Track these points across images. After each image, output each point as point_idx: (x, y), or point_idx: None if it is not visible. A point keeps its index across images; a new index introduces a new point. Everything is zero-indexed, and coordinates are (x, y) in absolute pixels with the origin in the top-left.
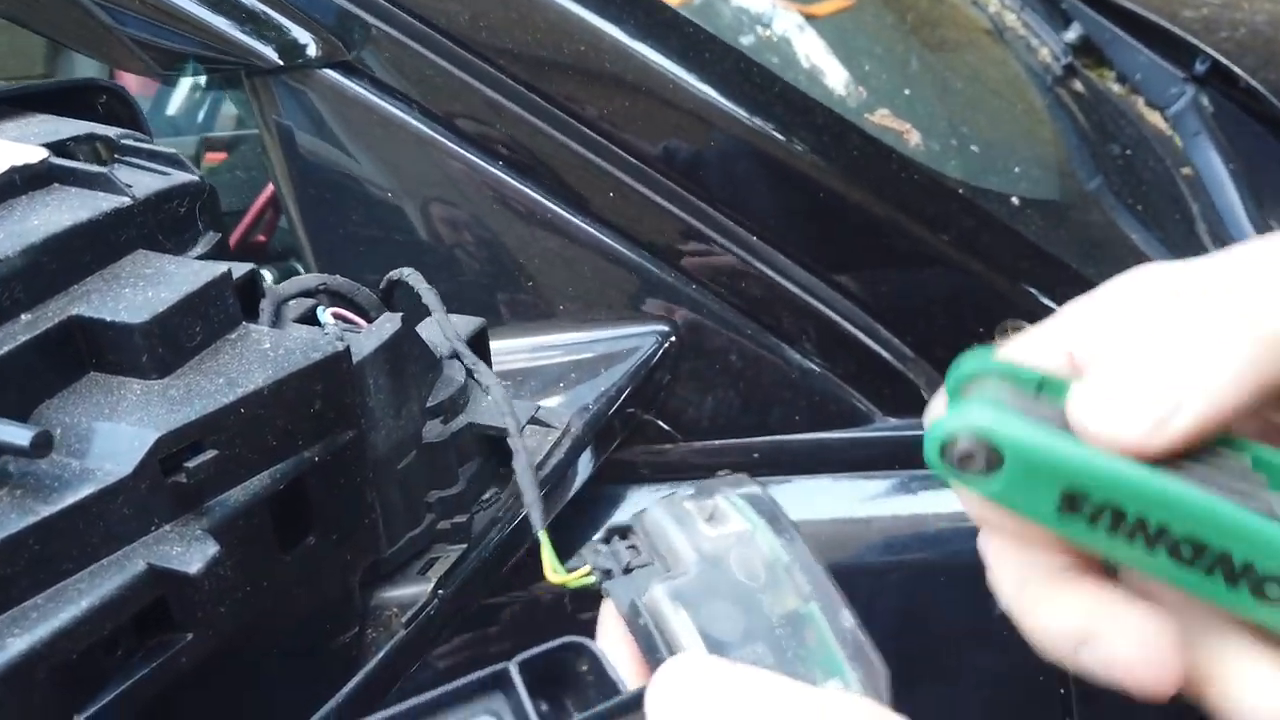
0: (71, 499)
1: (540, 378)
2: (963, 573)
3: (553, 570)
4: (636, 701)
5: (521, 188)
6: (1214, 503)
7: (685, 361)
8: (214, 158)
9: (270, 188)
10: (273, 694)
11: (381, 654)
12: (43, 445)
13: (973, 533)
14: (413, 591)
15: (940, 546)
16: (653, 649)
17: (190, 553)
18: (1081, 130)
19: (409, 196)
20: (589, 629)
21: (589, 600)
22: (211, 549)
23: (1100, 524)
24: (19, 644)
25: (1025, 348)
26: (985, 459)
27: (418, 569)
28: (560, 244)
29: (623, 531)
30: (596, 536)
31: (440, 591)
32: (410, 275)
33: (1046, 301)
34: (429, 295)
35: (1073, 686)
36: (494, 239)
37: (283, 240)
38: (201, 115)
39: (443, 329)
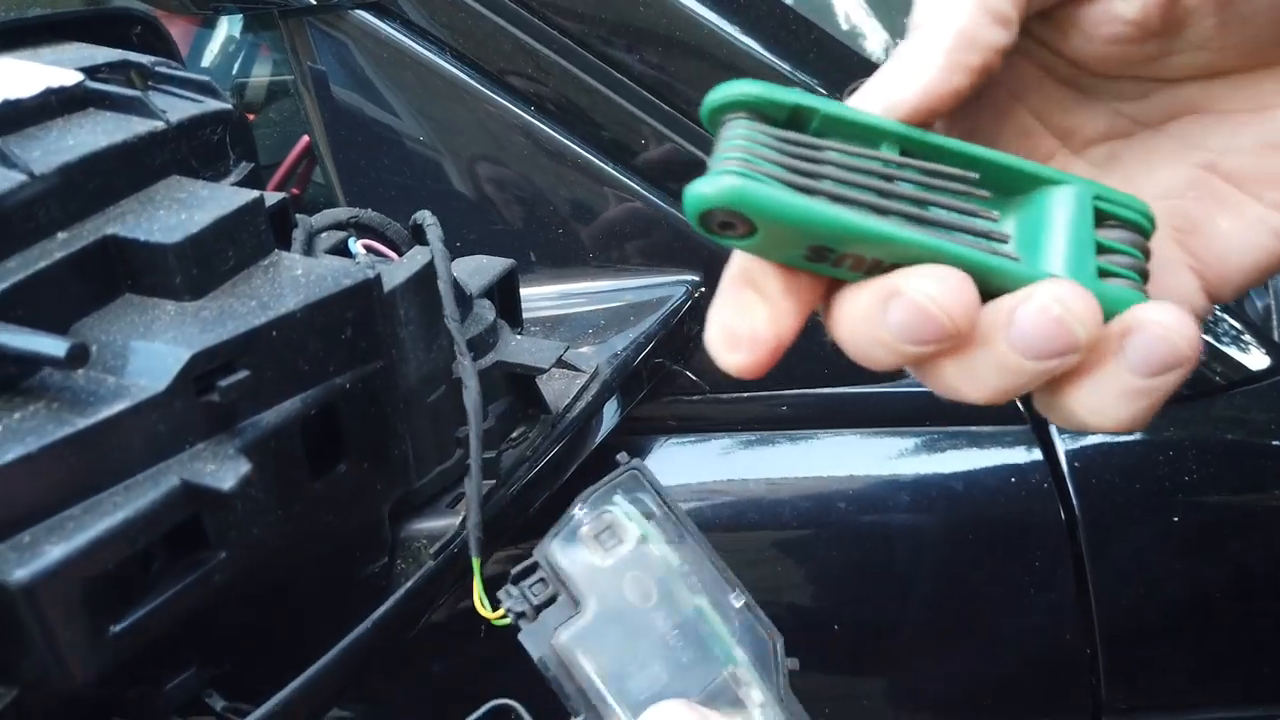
0: (106, 413)
1: (569, 325)
2: (992, 533)
3: (480, 603)
4: None
5: (554, 134)
6: (923, 240)
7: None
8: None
9: (304, 140)
10: (303, 618)
11: (410, 583)
12: (78, 357)
13: (1004, 493)
14: (442, 524)
15: (970, 505)
16: (565, 697)
17: (223, 470)
18: None
19: (441, 142)
20: None
21: None
22: (244, 467)
23: (843, 265)
24: (56, 552)
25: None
26: (741, 226)
27: (447, 503)
28: (591, 191)
29: (529, 570)
30: (513, 573)
31: (466, 524)
32: (425, 217)
33: None
34: (436, 243)
35: (1100, 648)
36: (525, 185)
37: (316, 196)
38: (235, 68)
39: (440, 271)
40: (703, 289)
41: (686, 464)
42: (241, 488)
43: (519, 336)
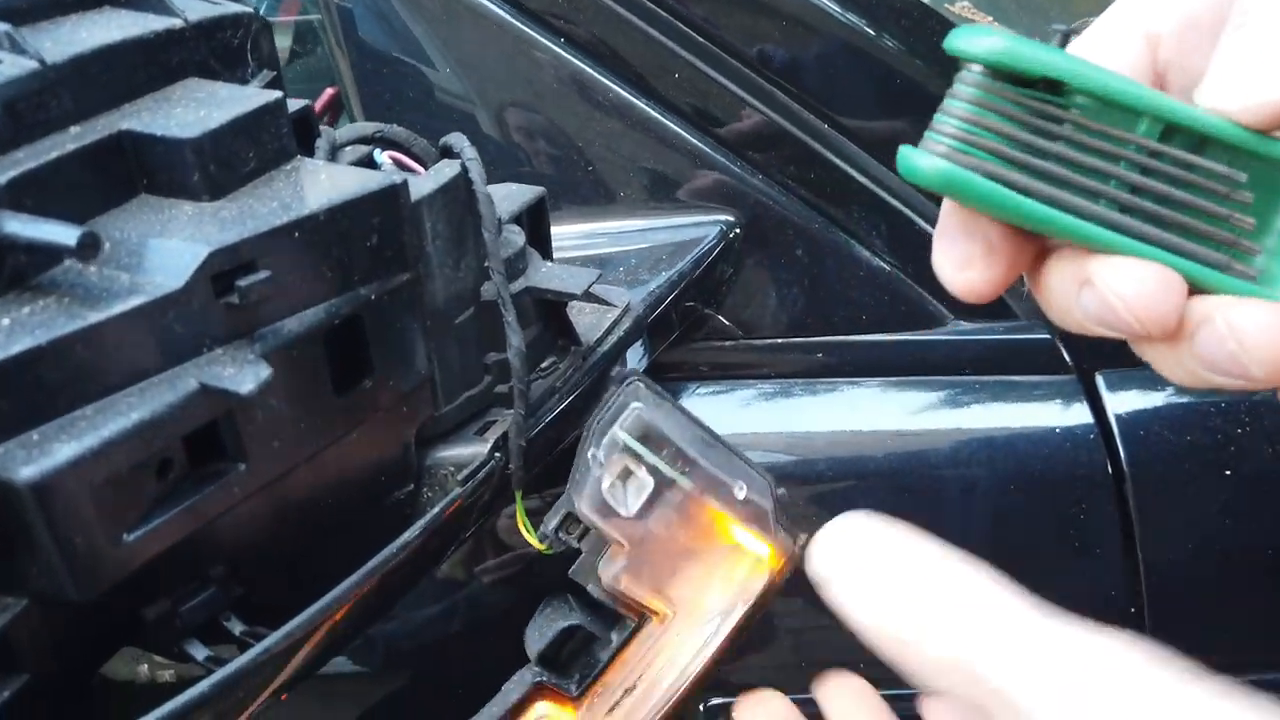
0: (120, 308)
1: (598, 265)
2: (1036, 486)
3: (526, 532)
4: None
5: (584, 67)
6: (1139, 249)
7: (749, 255)
8: None
9: (329, 91)
10: (325, 544)
11: (436, 509)
12: (90, 245)
13: (1049, 445)
14: (469, 452)
15: (1013, 458)
16: (622, 611)
17: (243, 374)
18: None
19: (468, 77)
20: None
21: None
22: (264, 372)
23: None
24: (66, 451)
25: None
26: None
27: (475, 430)
28: (622, 127)
29: (568, 526)
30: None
31: (497, 454)
32: (456, 139)
33: None
34: (474, 165)
35: (1146, 605)
36: (554, 121)
37: None
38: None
39: (476, 181)
40: (737, 230)
41: (718, 412)
42: (261, 394)
43: (549, 264)
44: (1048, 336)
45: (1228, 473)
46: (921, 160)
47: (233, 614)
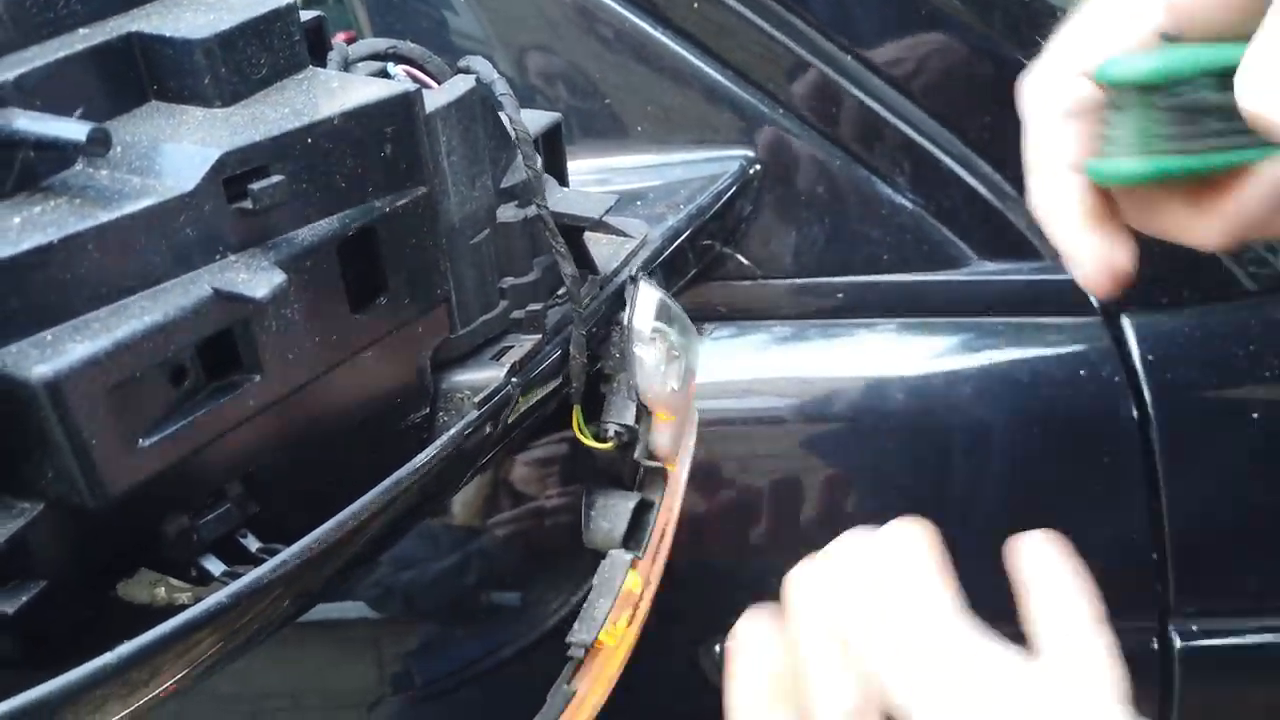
0: (131, 208)
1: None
2: (1059, 429)
3: (581, 433)
4: None
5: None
6: None
7: (768, 192)
8: None
9: (343, 35)
10: (341, 463)
11: (453, 430)
12: (99, 141)
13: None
14: (486, 376)
15: (1036, 400)
16: None
17: (256, 280)
18: None
19: (484, 12)
20: None
21: None
22: (278, 278)
23: None
24: (80, 350)
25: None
26: None
27: (491, 355)
28: (638, 59)
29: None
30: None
31: (514, 378)
32: (478, 61)
33: None
34: (499, 83)
35: (1169, 550)
36: (570, 56)
37: None
38: None
39: (508, 112)
40: (757, 166)
41: (736, 352)
42: (275, 302)
43: (565, 189)
44: (1071, 279)
45: (1255, 415)
46: (1126, 166)
47: (248, 531)
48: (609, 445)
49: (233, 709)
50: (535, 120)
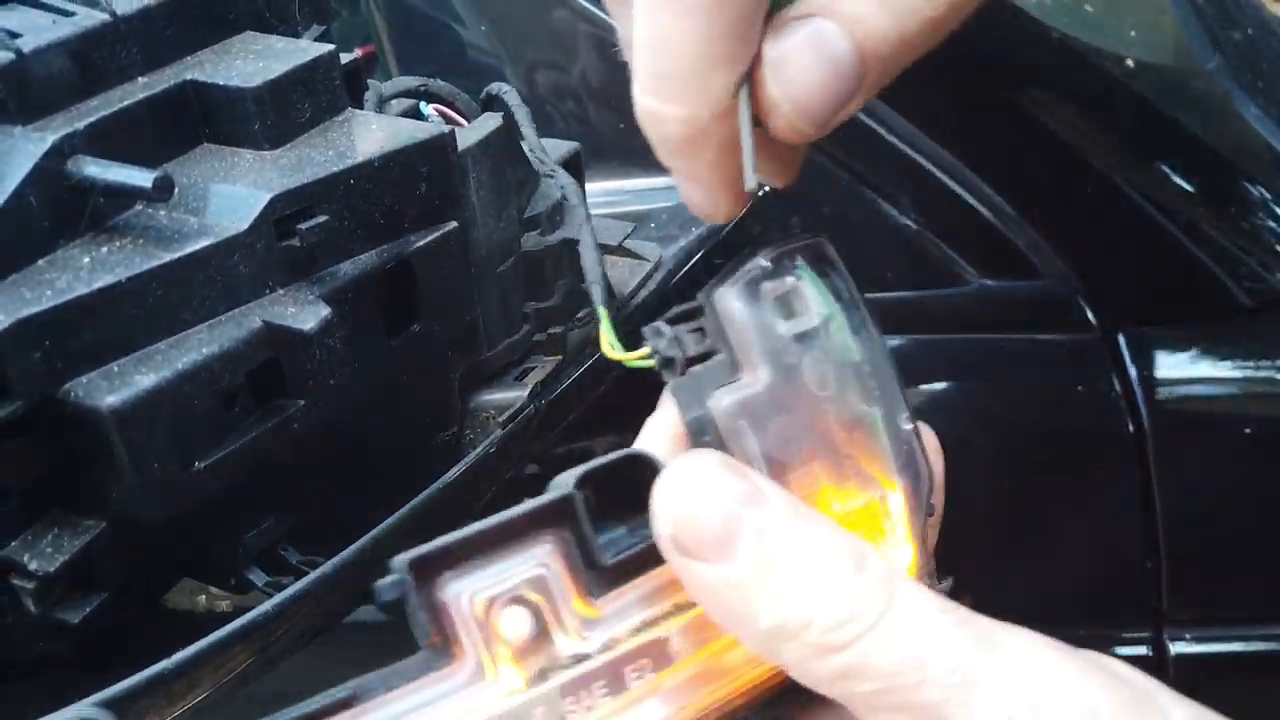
0: (191, 249)
1: (628, 223)
2: (1057, 442)
3: (609, 345)
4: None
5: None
6: None
7: (776, 213)
8: None
9: (364, 50)
10: (376, 479)
11: (480, 449)
12: (164, 188)
13: (1069, 401)
14: (510, 396)
15: (1033, 413)
16: None
17: (304, 313)
18: (1199, 8)
19: (499, 34)
20: None
21: None
22: (324, 311)
23: None
24: (146, 381)
25: None
26: None
27: (514, 375)
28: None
29: (690, 313)
30: (665, 316)
31: (535, 398)
32: (506, 91)
33: (1164, 168)
34: (520, 110)
35: (1164, 560)
36: (584, 77)
37: None
38: None
39: (529, 141)
40: (766, 187)
41: None
42: (321, 333)
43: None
44: (1071, 295)
45: (1247, 430)
46: None
47: (289, 545)
48: (635, 355)
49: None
50: (554, 149)
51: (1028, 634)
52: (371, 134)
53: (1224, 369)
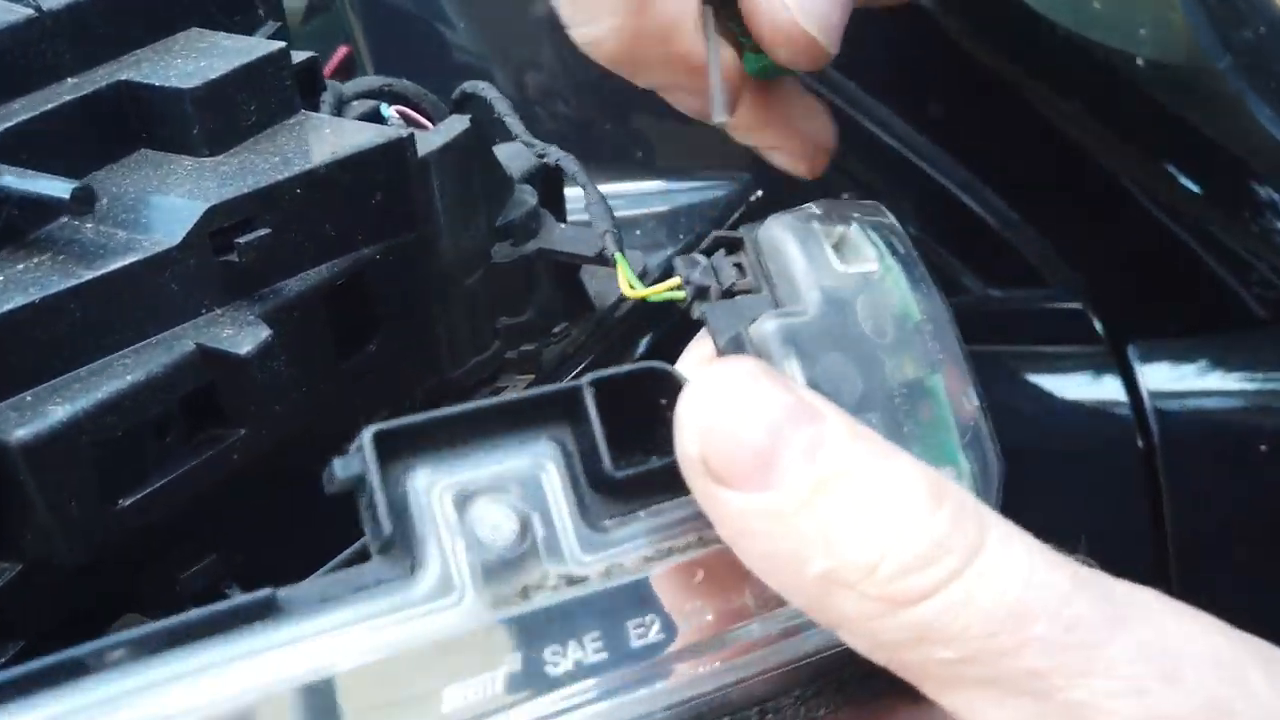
0: (116, 265)
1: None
2: (1062, 460)
3: (629, 285)
4: None
5: None
6: None
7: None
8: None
9: (341, 50)
10: (329, 510)
11: None
12: (83, 199)
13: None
14: None
15: (1037, 430)
16: None
17: (242, 336)
18: (1210, 8)
19: (485, 34)
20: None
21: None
22: (264, 333)
23: None
24: (60, 413)
25: None
26: None
27: (484, 396)
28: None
29: (731, 244)
30: (701, 246)
31: None
32: (485, 88)
33: (1175, 172)
34: (501, 103)
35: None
36: (573, 78)
37: None
38: None
39: (514, 131)
40: (759, 192)
41: None
42: (261, 356)
43: (563, 225)
44: (1079, 306)
45: (1263, 448)
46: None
47: (234, 582)
48: (663, 289)
49: None
50: (532, 154)
51: (1154, 593)
52: (323, 138)
53: (1238, 382)
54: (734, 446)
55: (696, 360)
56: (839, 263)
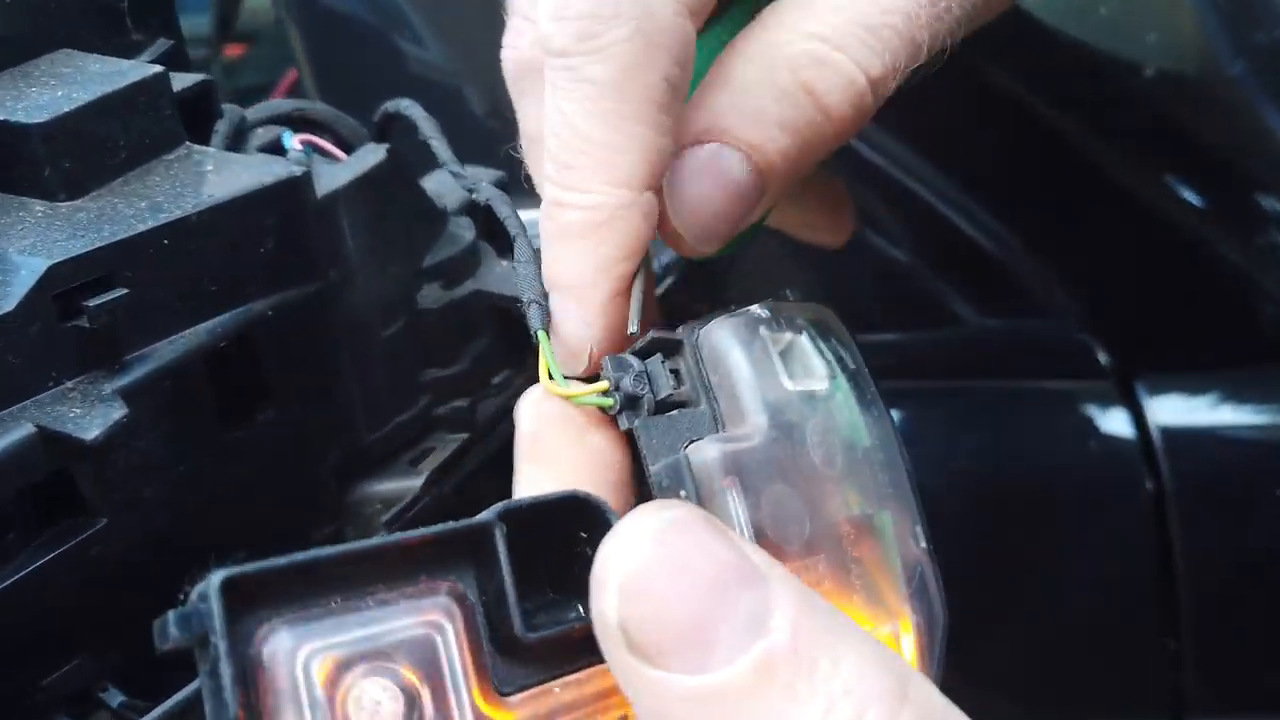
0: None
1: None
2: (1065, 502)
3: (549, 378)
4: None
5: None
6: None
7: (751, 244)
8: (234, 50)
9: (291, 74)
10: None
11: None
12: None
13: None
14: (400, 486)
15: (1039, 470)
16: None
17: (91, 416)
18: (1221, 10)
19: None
20: None
21: None
22: (116, 413)
23: None
24: None
25: None
26: None
27: (408, 460)
28: None
29: (668, 348)
30: (634, 346)
31: (433, 488)
32: (408, 106)
33: (1185, 189)
34: (427, 123)
35: (1185, 639)
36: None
37: None
38: None
39: (441, 158)
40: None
41: None
42: (114, 438)
43: (505, 262)
44: (1081, 336)
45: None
46: None
47: (109, 684)
48: (585, 393)
49: None
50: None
51: None
52: (203, 178)
53: (1254, 419)
54: (662, 614)
55: (601, 468)
56: (788, 379)
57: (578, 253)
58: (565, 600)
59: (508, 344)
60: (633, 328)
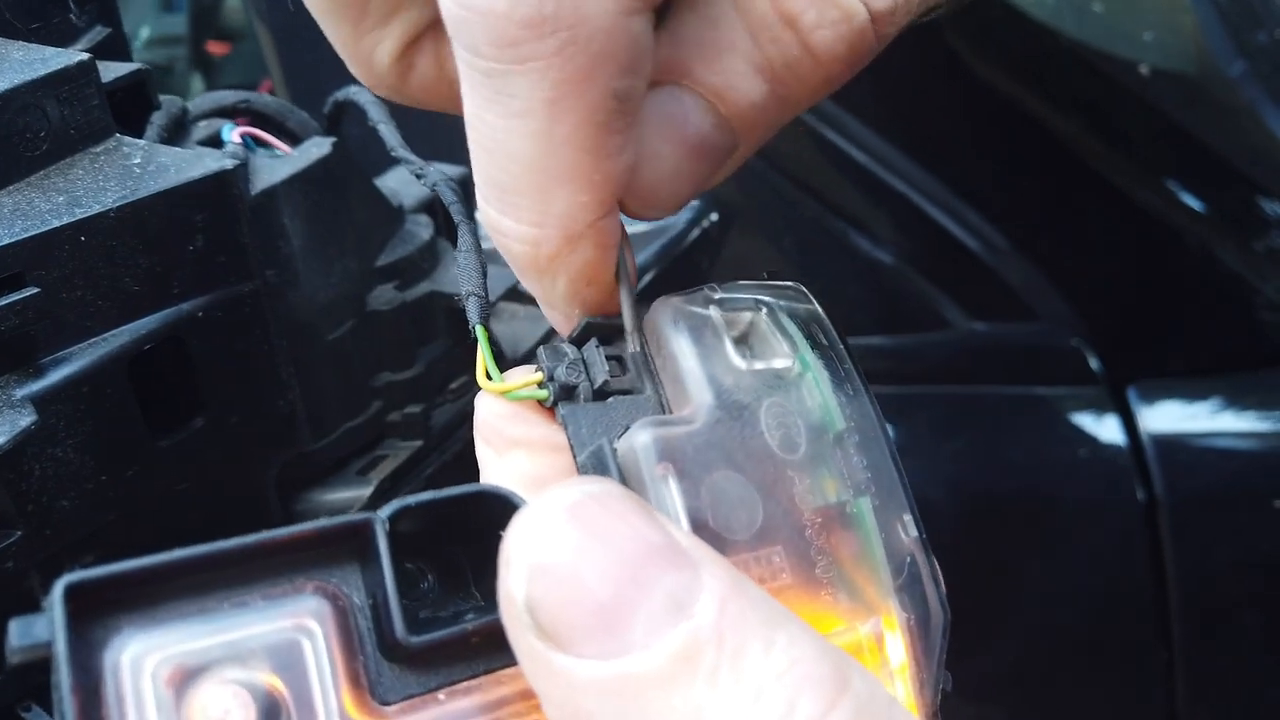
0: None
1: None
2: (1055, 511)
3: (485, 375)
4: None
5: None
6: None
7: (729, 245)
8: (216, 48)
9: (267, 85)
10: None
11: None
12: None
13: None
14: (349, 495)
15: (1028, 477)
16: None
17: None
18: (1222, 10)
19: None
20: None
21: None
22: (25, 420)
23: None
24: None
25: None
26: None
27: (357, 469)
28: None
29: (607, 334)
30: (571, 334)
31: (384, 497)
32: (357, 92)
33: (1182, 191)
34: (375, 108)
35: (1177, 652)
36: None
37: None
38: None
39: (389, 144)
40: (714, 217)
41: None
42: (25, 446)
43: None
44: (1073, 341)
45: (1277, 503)
46: None
47: (32, 702)
48: (520, 385)
49: None
50: (431, 176)
51: None
52: (128, 172)
53: (1249, 428)
54: (572, 594)
55: (528, 470)
56: (739, 359)
57: (533, 285)
58: (491, 605)
59: (466, 348)
60: (631, 347)
